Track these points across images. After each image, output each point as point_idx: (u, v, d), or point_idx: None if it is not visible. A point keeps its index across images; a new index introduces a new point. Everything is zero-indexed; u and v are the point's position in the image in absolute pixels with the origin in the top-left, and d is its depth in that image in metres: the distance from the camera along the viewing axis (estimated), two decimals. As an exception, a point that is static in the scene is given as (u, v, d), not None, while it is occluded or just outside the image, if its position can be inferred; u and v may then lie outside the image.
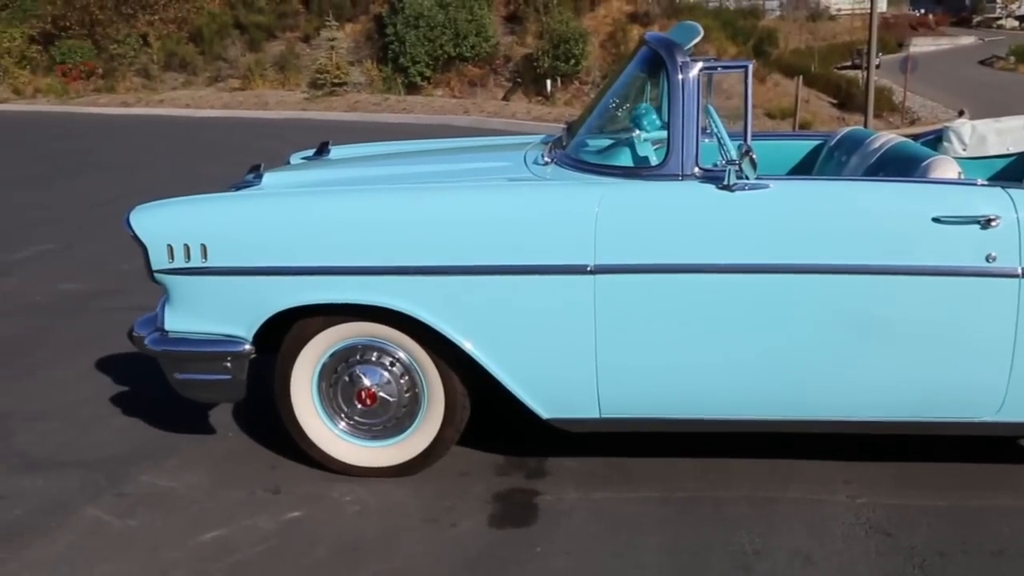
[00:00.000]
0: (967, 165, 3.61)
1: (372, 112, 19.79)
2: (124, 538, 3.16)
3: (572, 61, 20.72)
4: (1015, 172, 3.71)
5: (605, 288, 3.11)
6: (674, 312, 3.12)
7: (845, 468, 3.51)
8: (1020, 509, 3.24)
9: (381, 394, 3.42)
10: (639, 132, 3.58)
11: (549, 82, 20.76)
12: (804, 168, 4.29)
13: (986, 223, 3.00)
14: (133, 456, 3.76)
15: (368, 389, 3.42)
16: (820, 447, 3.62)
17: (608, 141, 3.60)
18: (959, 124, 3.95)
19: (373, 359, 3.41)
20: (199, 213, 3.44)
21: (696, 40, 3.41)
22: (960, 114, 4.45)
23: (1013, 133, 3.87)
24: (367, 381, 3.42)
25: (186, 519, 3.27)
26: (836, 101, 20.48)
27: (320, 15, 24.00)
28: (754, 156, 3.03)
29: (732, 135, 3.24)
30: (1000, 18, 61.67)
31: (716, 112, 3.47)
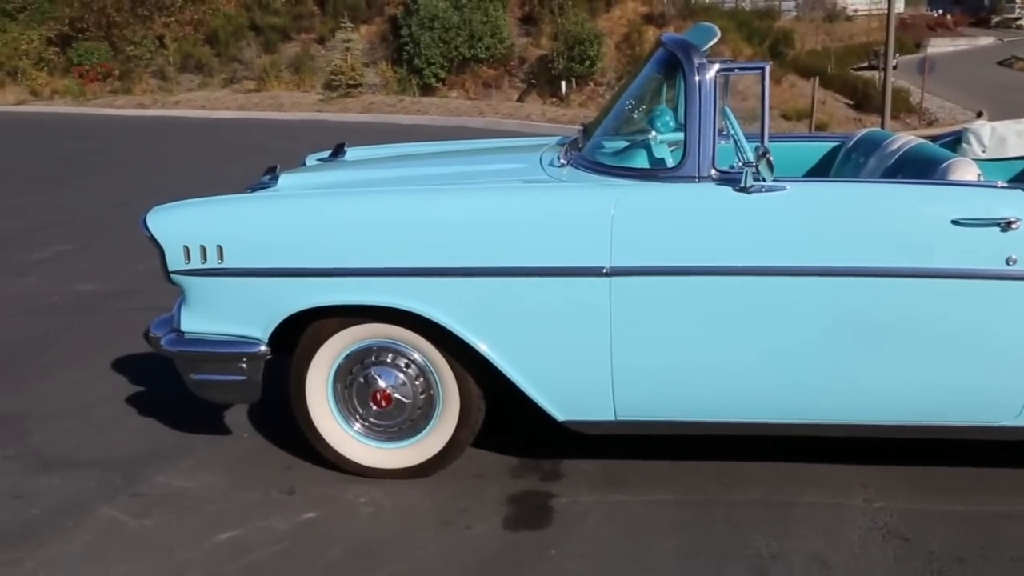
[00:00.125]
0: (987, 167, 3.58)
1: (387, 113, 19.81)
2: (140, 538, 3.17)
3: (587, 62, 20.67)
4: (1035, 174, 3.69)
5: (621, 290, 3.10)
6: (690, 314, 3.11)
7: (862, 472, 3.49)
8: (1040, 514, 3.21)
9: (396, 396, 3.42)
10: (655, 134, 3.57)
11: (564, 83, 20.72)
12: (821, 170, 4.27)
13: (1006, 225, 2.98)
14: (149, 456, 3.77)
15: (383, 391, 3.42)
16: (836, 451, 3.60)
17: (624, 143, 3.59)
18: (978, 126, 3.92)
19: (388, 361, 3.41)
20: (215, 214, 3.45)
21: (713, 41, 3.39)
22: (978, 115, 4.42)
23: (1033, 135, 3.84)
24: (382, 383, 3.42)
25: (201, 519, 3.28)
26: (853, 102, 20.35)
27: (335, 17, 24.04)
28: (771, 158, 3.01)
29: (748, 137, 3.23)
30: (1020, 19, 61.19)
31: (733, 113, 3.46)
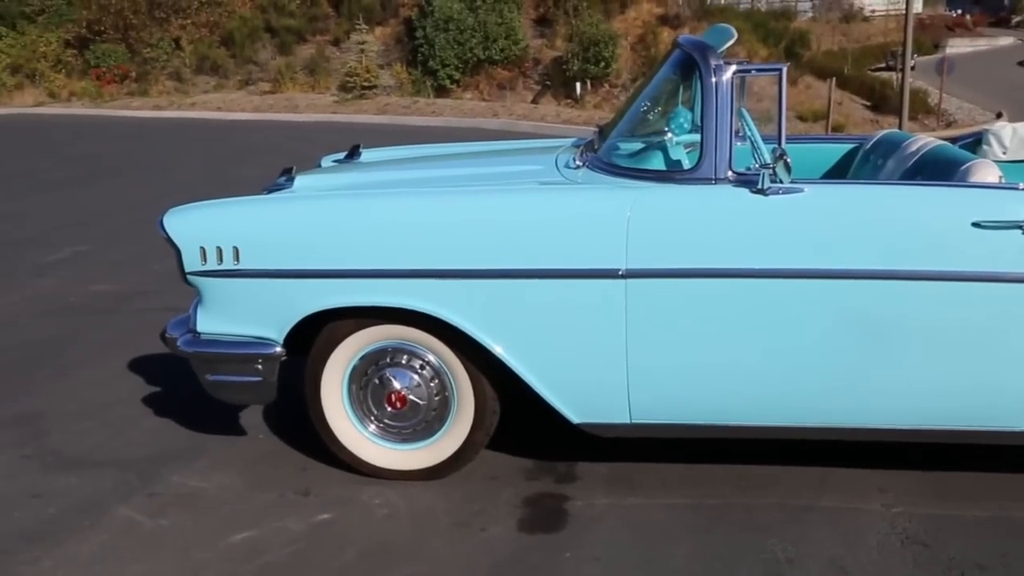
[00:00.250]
0: (1008, 169, 3.54)
1: (401, 115, 19.84)
2: (155, 538, 3.18)
3: (602, 64, 20.63)
4: (1056, 176, 3.64)
5: (637, 292, 3.09)
6: (706, 317, 3.09)
7: (880, 476, 3.46)
8: (1061, 520, 3.18)
9: (411, 397, 3.42)
10: (671, 135, 3.55)
11: (579, 85, 20.69)
12: (839, 172, 4.24)
13: (1028, 228, 2.95)
14: (164, 456, 3.78)
15: (398, 392, 3.41)
16: (854, 455, 3.57)
17: (640, 145, 3.58)
18: (999, 127, 3.89)
19: (403, 362, 3.41)
20: (232, 216, 3.45)
21: (730, 43, 3.37)
22: (998, 116, 4.38)
23: (1055, 136, 3.81)
24: (397, 384, 3.41)
25: (217, 520, 3.28)
26: (870, 103, 20.24)
27: (350, 19, 24.09)
28: (788, 160, 3.00)
29: (765, 138, 3.21)
30: (1041, 19, 60.58)
31: (749, 115, 3.44)
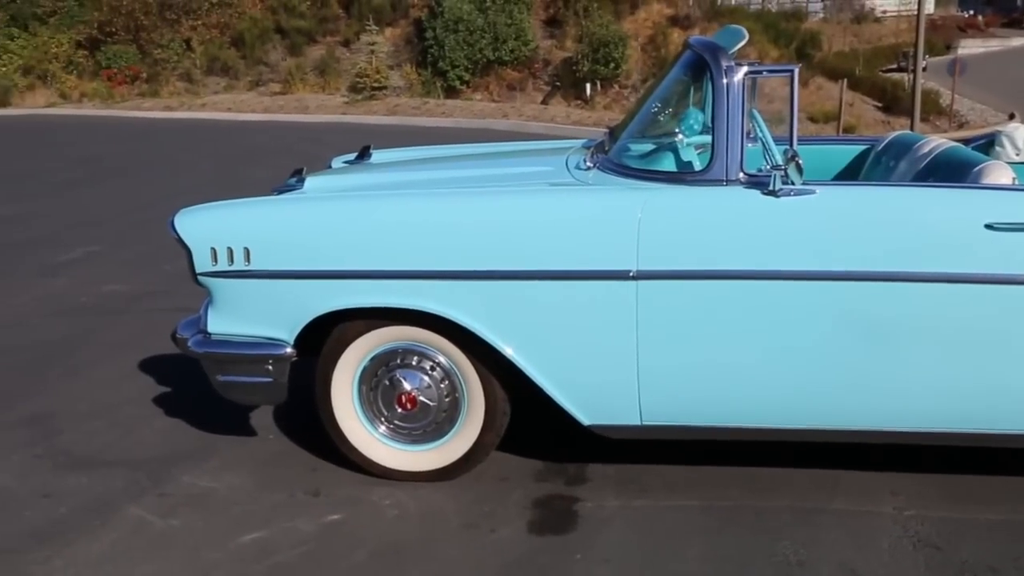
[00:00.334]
0: (1021, 170, 3.52)
1: (411, 116, 19.89)
2: (166, 538, 3.19)
3: (612, 65, 20.64)
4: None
5: (648, 294, 3.08)
6: (718, 319, 3.08)
7: (892, 479, 3.45)
8: (1074, 524, 3.16)
9: (421, 398, 3.42)
10: (682, 137, 3.54)
11: (588, 86, 20.70)
12: (850, 173, 4.23)
13: (1041, 230, 2.93)
14: (175, 456, 3.79)
15: (408, 393, 3.41)
16: (866, 457, 3.55)
17: (651, 146, 3.57)
18: (1012, 128, 3.88)
19: (414, 363, 3.41)
20: (242, 217, 3.46)
21: (741, 44, 3.36)
22: (1011, 117, 4.37)
23: (1068, 138, 3.79)
24: (407, 385, 3.41)
25: (227, 520, 3.29)
26: (881, 104, 20.18)
27: (360, 20, 24.16)
28: (800, 161, 2.99)
29: (776, 140, 3.20)
30: (1053, 19, 60.19)
31: (761, 116, 3.43)
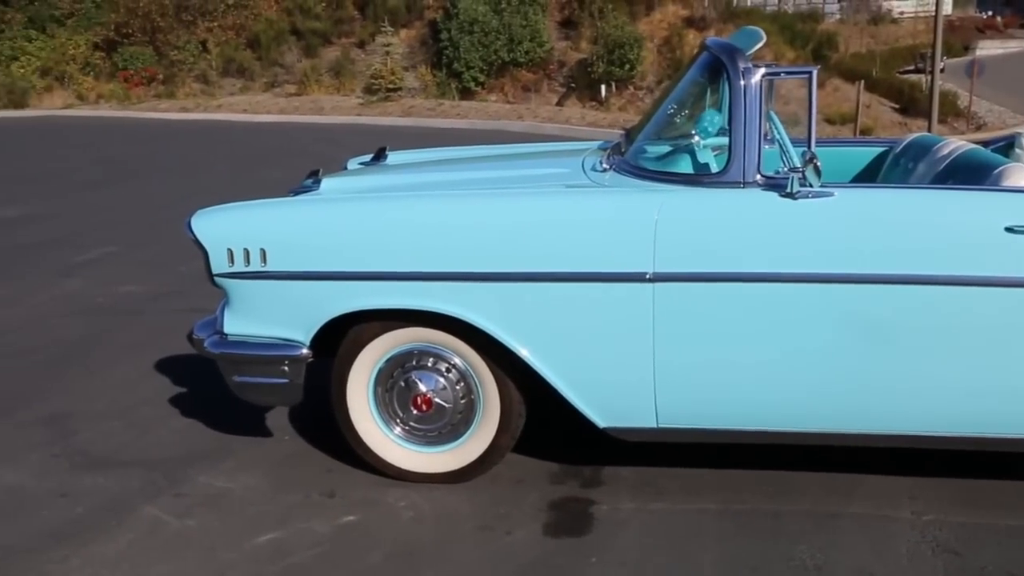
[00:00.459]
0: (1041, 173, 3.49)
1: (426, 117, 19.91)
2: (182, 538, 3.19)
3: (627, 66, 20.60)
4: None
5: (664, 296, 3.07)
6: (735, 322, 3.07)
7: (910, 483, 3.42)
8: (1095, 530, 3.13)
9: (437, 400, 3.42)
10: (699, 138, 3.53)
11: (603, 87, 20.67)
12: (868, 175, 4.20)
13: (1062, 233, 2.90)
14: (191, 457, 3.80)
15: (424, 395, 3.41)
16: (884, 461, 3.53)
17: (668, 148, 3.56)
18: (1032, 130, 3.84)
19: (429, 365, 3.41)
20: (259, 218, 3.47)
21: (758, 45, 3.34)
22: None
23: (1089, 140, 3.75)
24: (423, 387, 3.41)
25: (242, 520, 3.29)
26: (898, 106, 20.03)
27: (375, 21, 24.20)
28: (818, 163, 2.97)
29: (794, 141, 3.18)
30: (1073, 20, 59.71)
31: (778, 118, 3.41)
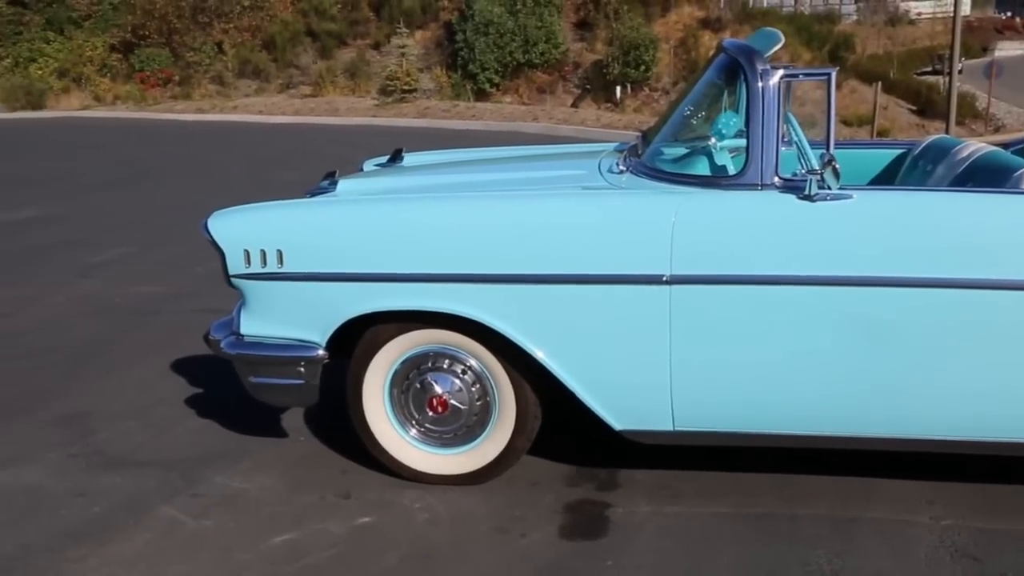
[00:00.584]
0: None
1: (441, 118, 19.94)
2: (198, 538, 3.20)
3: (642, 67, 20.59)
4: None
5: (681, 299, 3.06)
6: (752, 325, 3.05)
7: (929, 488, 3.40)
8: (1116, 536, 3.10)
9: (452, 402, 3.41)
10: (715, 140, 3.52)
11: (619, 89, 20.66)
12: (886, 178, 4.18)
13: (1083, 237, 2.88)
14: (207, 457, 3.81)
15: (439, 396, 3.41)
16: (901, 465, 3.51)
17: (684, 149, 3.55)
18: (1053, 133, 3.81)
19: (445, 366, 3.41)
20: (276, 219, 3.47)
21: (777, 47, 3.33)
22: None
23: (1110, 142, 3.72)
24: (439, 388, 3.41)
25: (258, 521, 3.30)
26: (915, 108, 19.93)
27: (391, 22, 24.27)
28: (837, 165, 2.95)
29: (812, 143, 3.16)
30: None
31: (796, 120, 3.40)
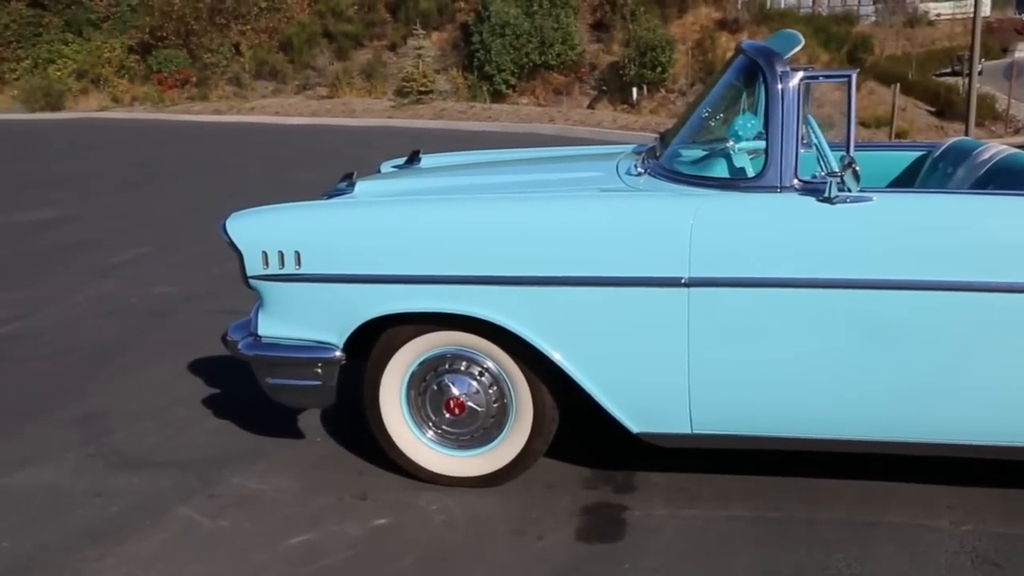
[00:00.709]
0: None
1: (458, 120, 19.94)
2: (215, 539, 3.21)
3: (659, 69, 20.53)
4: None
5: (699, 301, 3.04)
6: (771, 328, 3.03)
7: (948, 492, 3.37)
8: None
9: (469, 404, 3.41)
10: (734, 142, 3.50)
11: (635, 90, 20.61)
12: (906, 180, 4.15)
13: (1107, 240, 2.85)
14: (224, 458, 3.82)
15: (456, 398, 3.41)
16: (921, 469, 3.48)
17: (703, 152, 3.54)
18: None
19: (462, 368, 3.40)
20: (294, 220, 3.48)
21: (797, 49, 3.32)
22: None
23: None
24: (456, 390, 3.41)
25: (275, 522, 3.30)
26: (934, 109, 19.79)
27: (407, 24, 24.30)
28: (857, 168, 2.93)
29: (831, 145, 3.14)
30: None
31: (815, 122, 3.38)
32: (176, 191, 11.55)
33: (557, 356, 3.20)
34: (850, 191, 2.97)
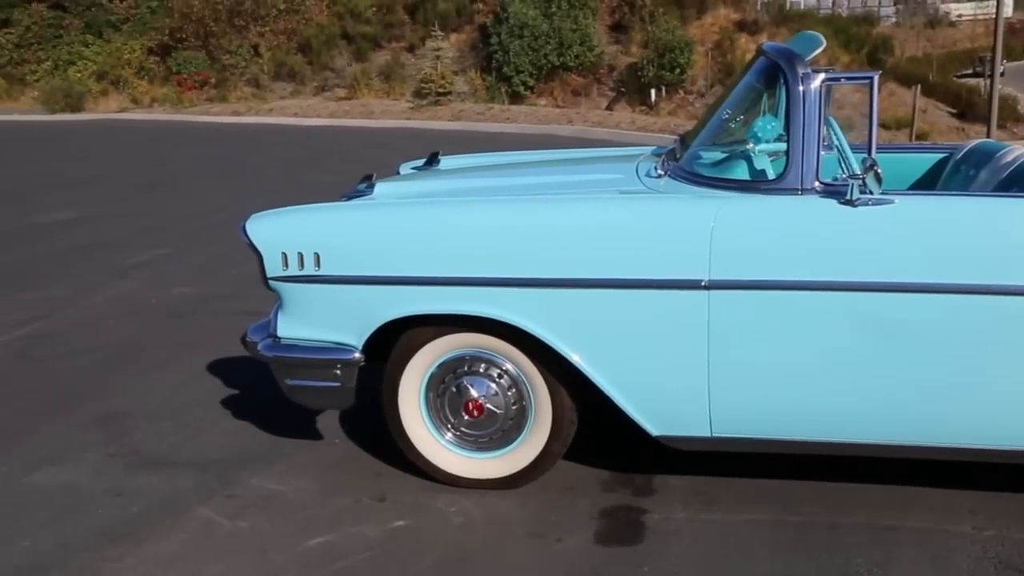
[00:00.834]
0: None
1: (476, 121, 19.95)
2: (234, 539, 3.22)
3: (677, 70, 20.48)
4: None
5: (720, 304, 3.03)
6: (792, 331, 3.01)
7: (970, 497, 3.34)
8: None
9: (488, 406, 3.40)
10: (754, 144, 3.48)
11: (653, 92, 20.57)
12: (927, 182, 4.11)
13: None
14: (243, 458, 3.83)
15: (475, 400, 3.40)
16: (943, 474, 3.45)
17: (723, 154, 3.52)
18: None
19: (481, 370, 3.40)
20: (313, 222, 3.49)
21: (818, 51, 3.29)
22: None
23: None
24: (474, 392, 3.40)
25: (294, 523, 3.31)
26: (955, 111, 19.66)
27: (425, 25, 24.34)
28: (879, 170, 2.91)
29: (852, 147, 3.12)
30: None
31: (837, 124, 3.35)
32: (195, 192, 11.61)
33: (576, 358, 3.19)
34: (872, 193, 2.95)
